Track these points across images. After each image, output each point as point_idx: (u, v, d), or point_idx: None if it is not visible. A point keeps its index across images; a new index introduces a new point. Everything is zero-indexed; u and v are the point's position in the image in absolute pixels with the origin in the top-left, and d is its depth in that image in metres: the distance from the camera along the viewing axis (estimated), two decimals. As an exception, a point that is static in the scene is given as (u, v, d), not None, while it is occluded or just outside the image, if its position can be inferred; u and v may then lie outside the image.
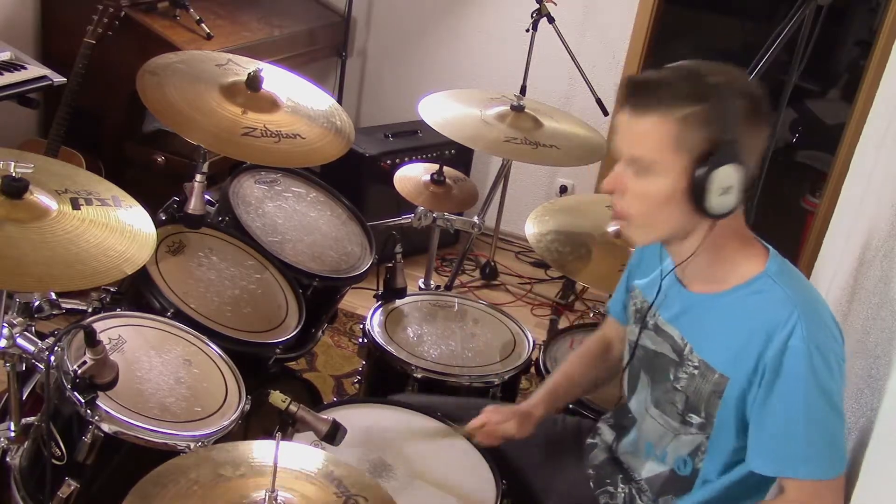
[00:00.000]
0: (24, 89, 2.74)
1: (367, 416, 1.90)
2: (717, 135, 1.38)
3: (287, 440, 1.63)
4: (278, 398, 1.64)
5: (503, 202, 3.86)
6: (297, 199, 2.53)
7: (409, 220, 2.65)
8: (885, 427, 1.36)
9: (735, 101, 1.39)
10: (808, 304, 1.43)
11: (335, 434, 1.65)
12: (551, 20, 3.46)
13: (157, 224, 1.87)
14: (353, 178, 3.55)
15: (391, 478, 1.73)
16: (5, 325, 1.74)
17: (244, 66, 2.28)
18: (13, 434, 1.80)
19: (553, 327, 2.87)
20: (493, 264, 3.96)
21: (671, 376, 1.57)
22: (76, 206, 1.68)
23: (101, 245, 1.63)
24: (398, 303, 2.45)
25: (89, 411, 1.59)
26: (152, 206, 1.91)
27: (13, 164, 1.60)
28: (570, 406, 2.06)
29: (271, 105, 2.21)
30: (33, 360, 1.74)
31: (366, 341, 2.31)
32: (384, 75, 4.40)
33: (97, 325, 1.71)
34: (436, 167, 2.65)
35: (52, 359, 1.63)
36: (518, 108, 2.68)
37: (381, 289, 2.46)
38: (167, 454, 1.57)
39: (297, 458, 1.41)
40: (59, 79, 2.82)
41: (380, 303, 2.43)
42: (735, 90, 1.40)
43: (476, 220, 2.78)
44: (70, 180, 1.76)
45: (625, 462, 1.73)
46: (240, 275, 2.22)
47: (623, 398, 1.79)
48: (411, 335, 2.33)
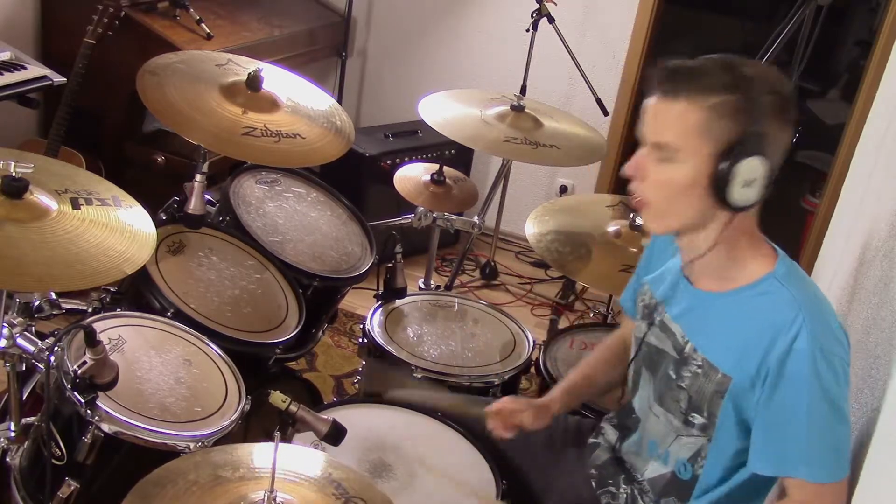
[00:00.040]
0: (24, 89, 2.74)
1: (367, 416, 1.91)
2: (746, 126, 1.38)
3: (287, 441, 1.63)
4: (278, 398, 1.64)
5: (503, 202, 3.85)
6: (297, 200, 2.53)
7: (409, 220, 2.65)
8: (885, 427, 1.36)
9: (766, 95, 1.39)
10: (815, 307, 1.43)
11: (335, 434, 1.65)
12: (551, 20, 3.46)
13: (157, 224, 1.87)
14: (353, 178, 3.55)
15: (391, 478, 1.73)
16: (5, 325, 1.74)
17: (244, 66, 2.28)
18: (13, 434, 1.80)
19: (553, 327, 2.87)
20: (493, 264, 3.95)
21: (673, 374, 1.57)
22: (76, 206, 1.68)
23: (101, 245, 1.63)
24: (398, 303, 2.45)
25: (89, 411, 1.59)
26: (152, 206, 1.91)
27: (13, 164, 1.60)
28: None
29: (271, 105, 2.21)
30: (33, 360, 1.74)
31: (366, 341, 2.31)
32: (384, 75, 4.39)
33: (97, 325, 1.71)
34: (436, 167, 2.65)
35: (52, 359, 1.63)
36: (518, 108, 2.68)
37: (381, 289, 2.46)
38: (167, 454, 1.57)
39: (296, 460, 1.41)
40: (59, 79, 2.82)
41: (380, 303, 2.43)
42: (767, 84, 1.40)
43: (476, 220, 2.78)
44: (70, 180, 1.76)
45: (628, 461, 1.72)
46: (240, 275, 2.22)
47: (625, 398, 1.79)
48: (411, 335, 2.33)
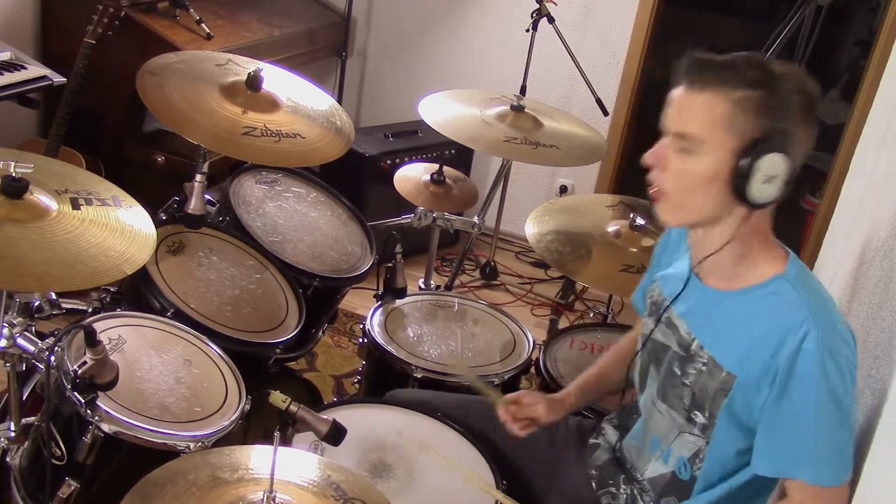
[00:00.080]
0: (24, 89, 2.74)
1: (367, 416, 1.91)
2: (770, 123, 1.38)
3: (287, 441, 1.63)
4: (278, 398, 1.64)
5: (503, 202, 3.85)
6: (297, 200, 2.53)
7: (409, 220, 2.64)
8: (886, 428, 1.36)
9: (793, 94, 1.40)
10: (823, 308, 1.43)
11: (335, 434, 1.65)
12: (551, 20, 3.46)
13: (157, 224, 1.87)
14: (353, 178, 3.55)
15: (391, 478, 1.73)
16: (5, 325, 1.73)
17: (244, 66, 2.28)
18: (13, 434, 1.80)
19: (553, 327, 2.87)
20: (493, 264, 3.95)
21: (678, 371, 1.57)
22: (76, 206, 1.68)
23: (101, 245, 1.62)
24: (398, 303, 2.45)
25: (89, 411, 1.59)
26: (152, 206, 1.91)
27: (13, 164, 1.60)
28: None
29: (271, 105, 2.21)
30: (33, 360, 1.74)
31: (366, 341, 2.31)
32: (384, 75, 4.39)
33: (97, 325, 1.71)
34: (436, 167, 2.64)
35: (52, 359, 1.63)
36: (518, 108, 2.68)
37: (381, 289, 2.46)
38: (167, 454, 1.57)
39: (295, 462, 1.41)
40: (59, 79, 2.82)
41: (380, 303, 2.43)
42: (795, 83, 1.41)
43: (476, 220, 2.78)
44: (70, 180, 1.76)
45: (629, 460, 1.72)
46: (240, 275, 2.22)
47: (627, 398, 1.79)
48: (411, 335, 2.33)
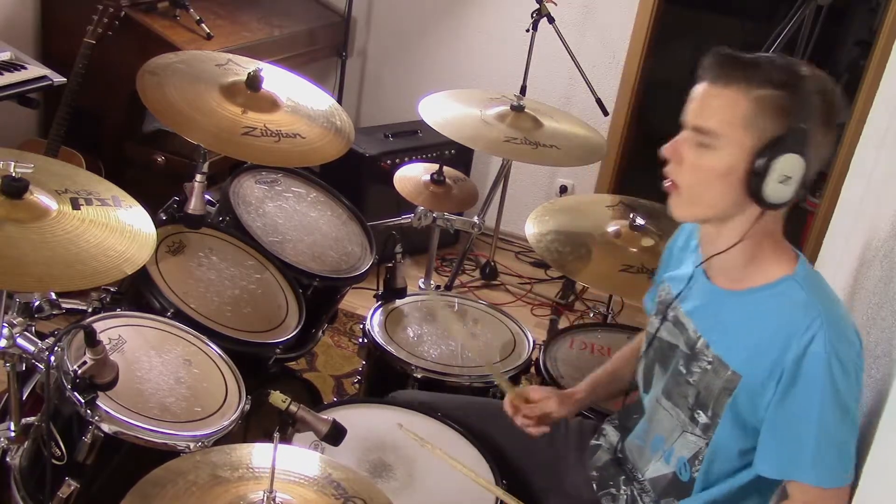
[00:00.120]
0: (24, 89, 2.74)
1: (367, 416, 1.91)
2: (790, 123, 1.38)
3: (286, 441, 1.63)
4: (278, 398, 1.64)
5: (503, 202, 3.86)
6: (297, 199, 2.53)
7: (409, 220, 2.64)
8: (886, 428, 1.36)
9: (815, 97, 1.40)
10: (831, 311, 1.42)
11: (335, 434, 1.65)
12: (551, 20, 3.46)
13: (157, 224, 1.87)
14: (353, 178, 3.55)
15: (391, 478, 1.73)
16: (5, 325, 1.73)
17: (244, 66, 2.28)
18: (13, 434, 1.80)
19: (553, 327, 2.87)
20: (493, 264, 3.95)
21: (683, 369, 1.57)
22: (76, 206, 1.68)
23: (101, 245, 1.62)
24: (398, 303, 2.45)
25: (89, 411, 1.59)
26: (152, 206, 1.91)
27: (13, 164, 1.59)
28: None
29: (271, 105, 2.21)
30: (33, 360, 1.74)
31: (366, 341, 2.31)
32: (384, 75, 4.39)
33: (97, 325, 1.71)
34: (436, 167, 2.64)
35: (52, 359, 1.63)
36: (518, 108, 2.68)
37: (381, 289, 2.46)
38: (167, 454, 1.57)
39: (295, 460, 1.41)
40: (59, 79, 2.82)
41: (380, 303, 2.43)
42: (818, 87, 1.41)
43: (476, 220, 2.78)
44: (70, 180, 1.76)
45: (630, 460, 1.72)
46: (240, 275, 2.22)
47: (630, 398, 1.79)
48: (411, 335, 2.33)
